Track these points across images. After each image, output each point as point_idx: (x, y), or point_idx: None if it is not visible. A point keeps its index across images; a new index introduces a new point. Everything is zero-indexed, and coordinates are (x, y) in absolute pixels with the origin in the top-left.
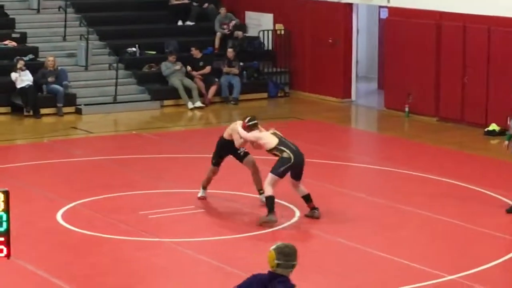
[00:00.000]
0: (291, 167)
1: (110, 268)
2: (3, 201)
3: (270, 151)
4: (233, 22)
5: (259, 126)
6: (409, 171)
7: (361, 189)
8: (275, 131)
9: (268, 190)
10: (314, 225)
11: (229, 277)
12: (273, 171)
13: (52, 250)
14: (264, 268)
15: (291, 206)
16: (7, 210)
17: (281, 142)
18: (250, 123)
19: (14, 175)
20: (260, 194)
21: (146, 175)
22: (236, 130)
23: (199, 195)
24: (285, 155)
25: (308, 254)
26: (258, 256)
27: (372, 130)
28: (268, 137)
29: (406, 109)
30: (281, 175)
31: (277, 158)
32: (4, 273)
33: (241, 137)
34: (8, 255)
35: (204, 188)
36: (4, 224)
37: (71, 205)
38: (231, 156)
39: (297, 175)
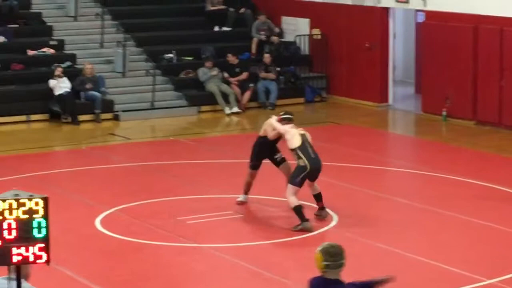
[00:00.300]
0: (308, 174)
1: (149, 274)
2: (42, 207)
3: (291, 150)
4: (275, 30)
5: (293, 124)
6: (447, 175)
7: (399, 193)
8: (305, 133)
9: (292, 201)
10: (351, 229)
11: (267, 283)
12: (291, 181)
13: (91, 256)
14: (301, 273)
15: (329, 211)
16: (46, 216)
17: (302, 146)
18: (284, 116)
19: (53, 181)
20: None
21: (184, 181)
22: (269, 123)
23: (239, 199)
24: (301, 162)
25: (347, 258)
26: (296, 261)
27: (409, 134)
28: (293, 136)
29: (444, 113)
30: (299, 184)
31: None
32: (44, 280)
33: (273, 129)
34: (48, 261)
35: (246, 193)
36: (44, 230)
37: (109, 211)
38: (269, 161)
39: (313, 178)
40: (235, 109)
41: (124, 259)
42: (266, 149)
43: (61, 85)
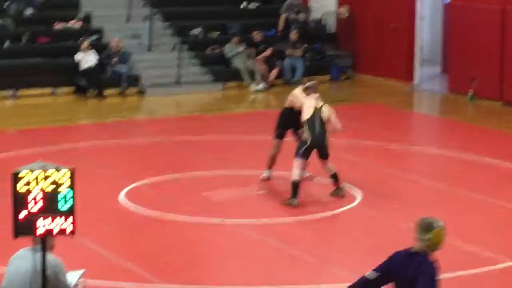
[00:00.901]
0: (310, 148)
1: (172, 249)
2: (68, 179)
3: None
4: (303, 9)
5: (318, 95)
6: (472, 155)
7: (423, 173)
8: (323, 107)
9: (295, 174)
10: (375, 209)
11: (292, 259)
12: (296, 154)
13: (115, 229)
14: (324, 250)
15: (352, 189)
16: (72, 188)
17: (310, 120)
18: (306, 84)
19: (78, 155)
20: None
21: (209, 157)
22: (293, 93)
23: (263, 176)
24: (304, 136)
25: (369, 237)
26: (321, 238)
27: (435, 114)
28: (307, 108)
29: (470, 93)
30: (302, 156)
31: None
32: (68, 251)
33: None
34: (72, 233)
35: (269, 168)
36: (69, 202)
37: (134, 185)
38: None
39: (321, 155)
40: (261, 86)
41: (147, 234)
42: (291, 120)
43: (87, 59)
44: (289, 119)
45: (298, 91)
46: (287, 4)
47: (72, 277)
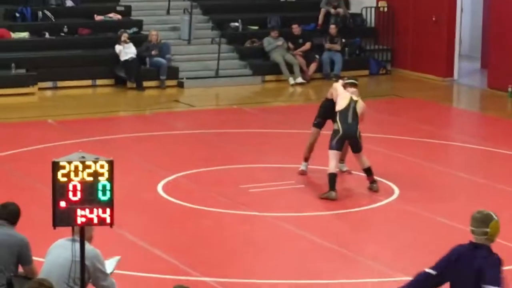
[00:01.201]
0: (342, 138)
1: (210, 241)
2: (107, 170)
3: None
4: (343, 4)
5: (356, 90)
6: (511, 151)
7: (461, 168)
8: (357, 101)
9: (331, 166)
10: (412, 203)
11: (329, 253)
12: (329, 146)
13: (153, 221)
14: (361, 244)
15: (390, 183)
16: (111, 179)
17: (344, 110)
18: (348, 81)
19: (117, 146)
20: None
21: (247, 149)
22: (334, 87)
23: (301, 168)
24: (335, 126)
25: (406, 231)
26: (358, 232)
27: (474, 110)
28: (342, 99)
29: (510, 89)
30: (336, 147)
31: None
32: (106, 242)
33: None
34: (111, 224)
35: (306, 160)
36: (108, 193)
37: (172, 177)
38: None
39: (353, 148)
40: (299, 80)
41: (185, 226)
42: (330, 111)
43: (126, 51)
44: (329, 110)
45: (338, 85)
46: None
47: (109, 265)
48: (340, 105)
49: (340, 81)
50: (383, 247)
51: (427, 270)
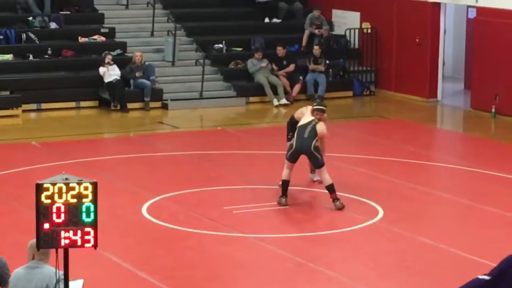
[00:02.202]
0: (295, 152)
1: (194, 262)
2: (91, 191)
3: None
4: (325, 29)
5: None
6: (494, 172)
7: (445, 189)
8: (317, 123)
9: (283, 174)
10: (396, 223)
11: (312, 274)
12: (285, 156)
13: (137, 242)
14: (345, 265)
15: (374, 204)
16: (95, 201)
17: (303, 126)
18: (316, 106)
19: (101, 168)
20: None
21: (231, 171)
22: (302, 111)
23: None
24: (291, 141)
25: (391, 252)
26: (341, 253)
27: (458, 130)
28: (305, 118)
29: (493, 110)
30: (289, 159)
31: None
32: (90, 264)
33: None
34: (95, 246)
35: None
36: (92, 215)
37: (156, 198)
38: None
39: (313, 164)
40: (284, 101)
41: (169, 247)
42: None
43: (111, 73)
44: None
45: (306, 109)
46: (309, 18)
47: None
48: (301, 122)
49: (309, 107)
50: (368, 268)
51: (481, 276)
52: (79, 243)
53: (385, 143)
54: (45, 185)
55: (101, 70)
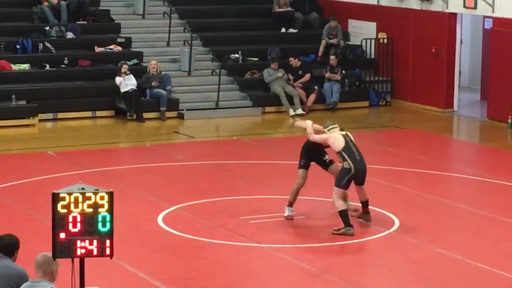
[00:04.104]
0: (353, 177)
1: (209, 272)
2: (107, 201)
3: (337, 153)
4: (339, 40)
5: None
6: (511, 183)
7: (461, 200)
8: (347, 133)
9: (338, 205)
10: (412, 234)
11: (328, 284)
12: (336, 184)
13: (153, 252)
14: (361, 276)
15: (390, 215)
16: (111, 210)
17: (347, 147)
18: (327, 128)
19: (117, 177)
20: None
21: (247, 181)
22: (321, 137)
23: (286, 214)
24: (345, 165)
25: (407, 263)
26: (357, 263)
27: (474, 141)
28: (335, 139)
29: (510, 121)
30: (344, 187)
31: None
32: (106, 273)
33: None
34: (111, 255)
35: (291, 205)
36: (108, 225)
37: (172, 208)
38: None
39: (360, 182)
40: (299, 111)
41: (185, 257)
42: (313, 152)
43: (127, 83)
44: (311, 152)
45: (312, 135)
46: (326, 28)
47: None
48: (338, 146)
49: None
50: (384, 278)
51: None
52: (95, 252)
53: (401, 153)
54: (61, 195)
55: (118, 79)
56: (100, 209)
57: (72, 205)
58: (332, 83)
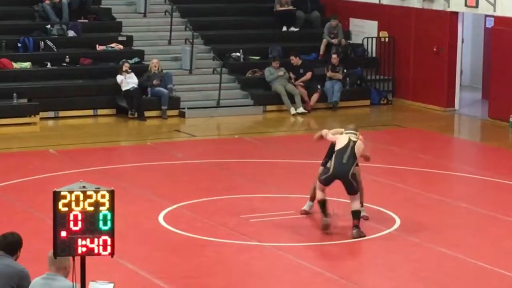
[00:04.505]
0: (330, 177)
1: (211, 271)
2: (108, 200)
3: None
4: (339, 39)
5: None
6: None
7: (462, 199)
8: (356, 141)
9: (318, 195)
10: (413, 233)
11: (329, 283)
12: (318, 177)
13: (154, 251)
14: (362, 275)
15: (391, 213)
16: (112, 209)
17: (341, 150)
18: (346, 130)
19: (118, 176)
20: (361, 207)
21: (248, 179)
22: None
23: (304, 208)
24: (328, 165)
25: (408, 262)
26: (358, 262)
27: (475, 140)
28: (339, 141)
29: (511, 119)
30: (323, 182)
31: None
32: (107, 272)
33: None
34: (112, 254)
35: (312, 200)
36: (109, 223)
37: (173, 207)
38: None
39: (347, 189)
40: (301, 110)
41: (186, 255)
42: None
43: (128, 81)
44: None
45: (330, 133)
46: (327, 27)
47: None
48: (338, 145)
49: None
50: (385, 278)
51: None
52: (96, 251)
53: (402, 152)
54: (62, 193)
55: (119, 78)
56: (101, 208)
57: (73, 204)
58: (333, 82)
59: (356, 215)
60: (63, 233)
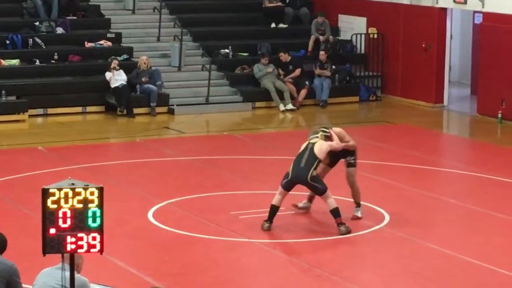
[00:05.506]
0: (290, 181)
1: (200, 267)
2: (97, 197)
3: None
4: (327, 36)
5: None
6: (501, 177)
7: (452, 195)
8: (316, 142)
9: (274, 199)
10: (402, 229)
11: (319, 279)
12: (280, 183)
13: (143, 248)
14: (352, 271)
15: (381, 209)
16: (101, 206)
17: (299, 154)
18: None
19: (107, 173)
20: (356, 207)
21: (237, 176)
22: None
23: (300, 204)
24: (288, 169)
25: (397, 258)
26: (347, 258)
27: (464, 136)
28: (303, 145)
29: (499, 115)
30: (283, 187)
31: None
32: (96, 269)
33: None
34: (101, 251)
35: (310, 200)
36: (98, 220)
37: (162, 204)
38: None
39: (313, 192)
40: (290, 106)
41: (175, 252)
42: (340, 152)
43: (117, 78)
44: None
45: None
46: (314, 24)
47: None
48: (300, 150)
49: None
50: (374, 274)
51: None
52: (85, 248)
53: (391, 148)
54: (51, 190)
55: (108, 75)
56: (90, 205)
57: (62, 201)
58: (322, 79)
59: (336, 213)
60: (52, 230)
